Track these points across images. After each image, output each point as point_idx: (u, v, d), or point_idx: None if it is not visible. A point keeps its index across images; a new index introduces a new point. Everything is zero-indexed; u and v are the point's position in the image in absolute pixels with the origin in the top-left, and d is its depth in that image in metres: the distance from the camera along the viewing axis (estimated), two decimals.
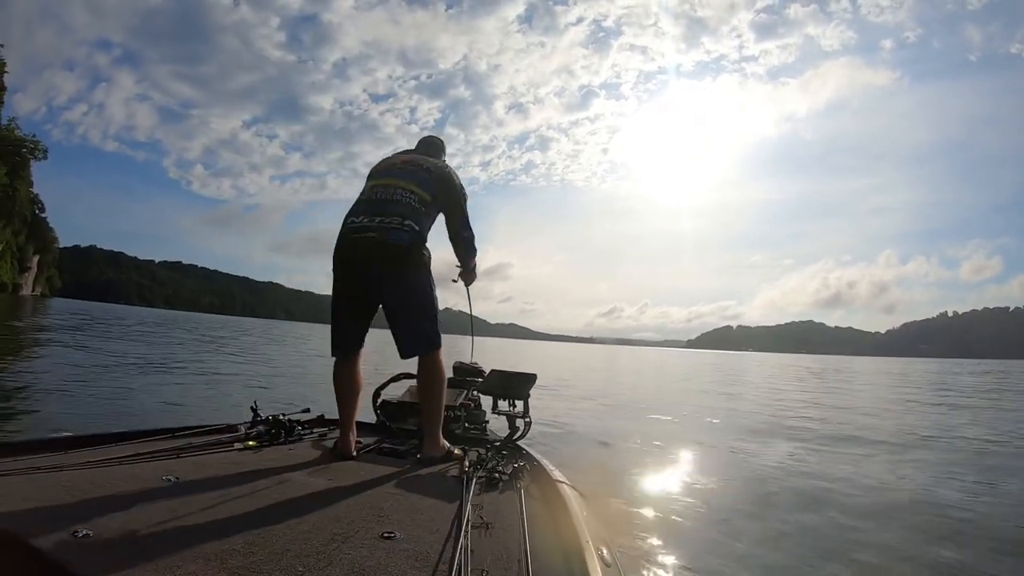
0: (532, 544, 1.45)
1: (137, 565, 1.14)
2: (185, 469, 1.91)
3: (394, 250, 2.37)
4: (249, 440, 2.46)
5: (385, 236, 2.38)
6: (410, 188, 2.52)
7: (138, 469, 1.87)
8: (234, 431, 2.57)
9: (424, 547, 1.41)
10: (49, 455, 1.93)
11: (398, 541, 1.43)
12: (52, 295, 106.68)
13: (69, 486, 1.59)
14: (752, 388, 18.66)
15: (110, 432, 2.32)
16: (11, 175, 75.23)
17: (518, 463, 2.29)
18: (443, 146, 3.02)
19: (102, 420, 5.34)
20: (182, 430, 2.51)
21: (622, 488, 4.36)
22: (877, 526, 3.69)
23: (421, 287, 2.47)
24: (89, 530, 1.26)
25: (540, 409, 3.62)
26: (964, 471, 5.61)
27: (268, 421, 2.67)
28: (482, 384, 3.17)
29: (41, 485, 1.58)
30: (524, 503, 1.81)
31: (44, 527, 1.26)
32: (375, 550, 1.36)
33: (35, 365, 9.34)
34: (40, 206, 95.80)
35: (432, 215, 2.57)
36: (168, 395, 7.53)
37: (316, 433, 2.83)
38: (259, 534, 1.38)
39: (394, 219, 2.41)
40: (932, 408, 12.89)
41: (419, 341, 2.46)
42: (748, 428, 8.30)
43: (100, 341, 16.00)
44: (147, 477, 1.76)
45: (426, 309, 2.47)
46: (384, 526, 1.52)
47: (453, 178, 2.71)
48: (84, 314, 37.07)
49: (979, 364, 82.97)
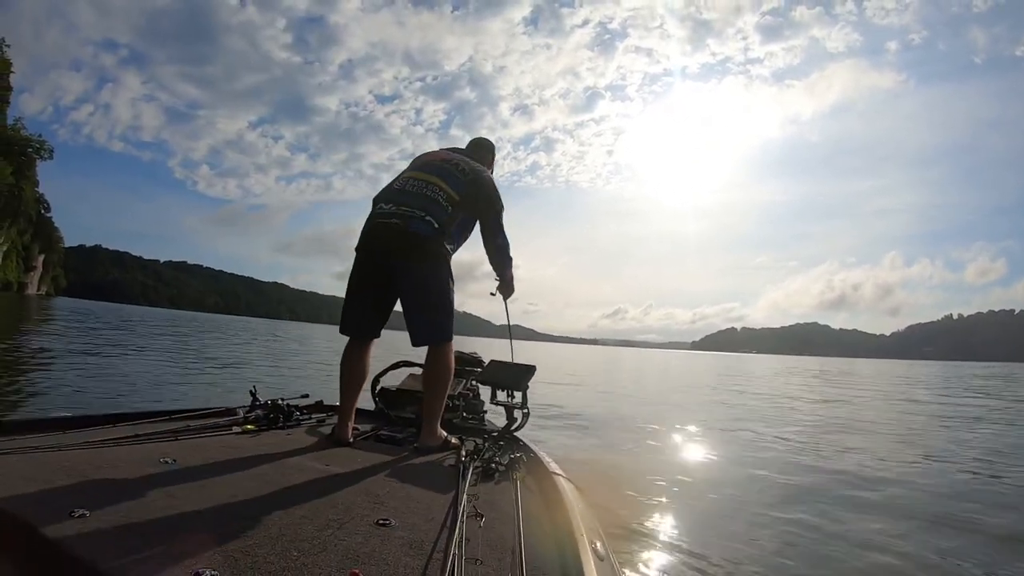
0: (526, 535, 1.44)
1: (133, 546, 1.14)
2: (183, 452, 1.91)
3: (413, 239, 2.40)
4: (247, 424, 2.46)
5: (407, 224, 2.40)
6: (440, 185, 2.53)
7: (136, 451, 1.87)
8: (232, 415, 2.57)
9: (419, 535, 1.40)
10: (46, 435, 1.93)
11: (393, 528, 1.42)
12: (57, 294, 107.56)
13: (66, 466, 1.58)
14: (758, 389, 18.60)
15: (108, 413, 2.32)
16: (17, 175, 75.76)
17: (515, 454, 2.27)
18: (492, 149, 2.99)
19: (101, 401, 5.36)
20: (180, 413, 2.51)
21: (618, 482, 4.35)
22: (878, 525, 3.66)
23: (438, 280, 2.47)
24: (85, 510, 1.26)
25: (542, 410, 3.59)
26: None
27: (267, 406, 2.66)
28: (481, 374, 3.16)
29: (38, 465, 1.58)
30: (520, 494, 1.79)
31: (40, 507, 1.26)
32: (370, 537, 1.35)
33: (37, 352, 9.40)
34: (45, 206, 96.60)
35: (458, 216, 2.54)
36: (167, 379, 7.56)
37: (314, 419, 2.82)
38: (255, 518, 1.37)
39: (416, 211, 2.43)
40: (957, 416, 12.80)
41: (432, 331, 2.46)
42: (748, 427, 8.27)
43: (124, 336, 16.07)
44: (144, 459, 1.76)
45: (441, 301, 2.48)
46: (380, 513, 1.52)
47: (487, 184, 2.67)
48: (92, 315, 37.24)
49: (987, 367, 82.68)
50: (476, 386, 3.29)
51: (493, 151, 2.98)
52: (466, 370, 3.33)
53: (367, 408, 3.08)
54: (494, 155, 2.97)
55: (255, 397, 2.72)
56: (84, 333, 17.14)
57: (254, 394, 2.73)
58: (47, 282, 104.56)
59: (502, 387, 2.87)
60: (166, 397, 6.62)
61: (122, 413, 2.35)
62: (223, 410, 2.61)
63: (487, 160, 2.89)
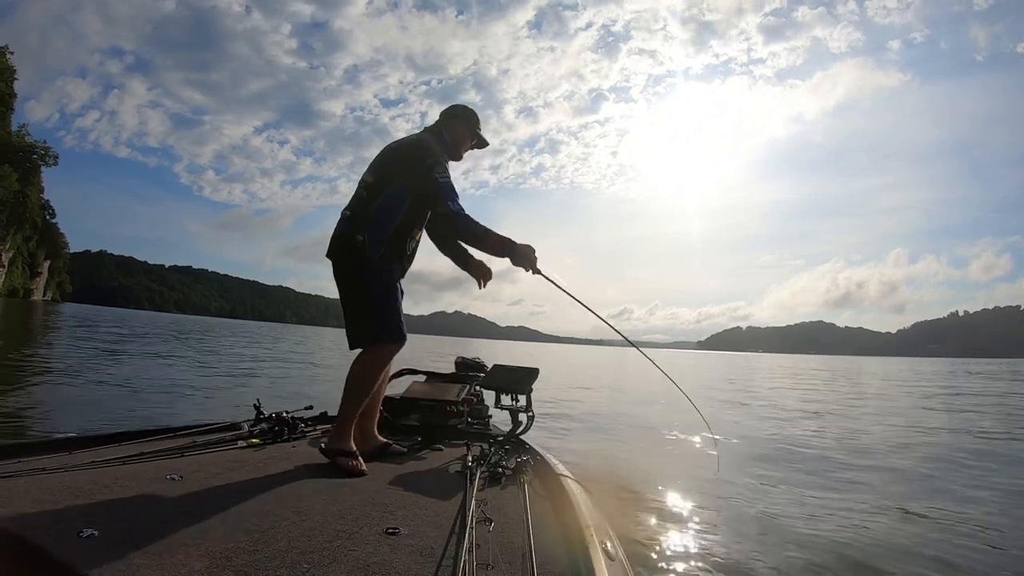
0: (536, 539, 1.45)
1: (142, 564, 1.15)
2: (189, 468, 1.93)
3: (336, 240, 2.39)
4: (252, 438, 2.48)
5: (336, 230, 2.40)
6: (364, 178, 2.45)
7: (142, 468, 1.89)
8: (237, 429, 2.58)
9: (429, 542, 1.42)
10: (53, 456, 1.95)
11: (402, 537, 1.44)
12: (63, 300, 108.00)
13: (73, 487, 1.60)
14: (768, 388, 18.54)
15: (113, 432, 2.33)
16: (22, 181, 76.12)
17: (521, 458, 2.30)
18: (455, 112, 2.65)
19: (105, 421, 5.39)
20: (185, 429, 2.52)
21: (626, 482, 4.34)
22: (890, 530, 3.61)
23: (351, 279, 2.39)
24: (94, 530, 1.27)
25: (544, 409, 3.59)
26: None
27: (271, 419, 2.68)
28: (484, 379, 3.19)
29: (46, 486, 1.59)
30: (528, 498, 1.81)
31: (49, 528, 1.28)
32: (380, 546, 1.36)
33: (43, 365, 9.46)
34: (50, 211, 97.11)
35: (376, 197, 2.35)
36: (173, 393, 7.60)
37: (319, 430, 2.83)
38: (263, 531, 1.39)
39: (344, 212, 2.42)
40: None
41: (353, 335, 2.38)
42: (757, 427, 8.24)
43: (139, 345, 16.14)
44: (151, 476, 1.78)
45: (358, 302, 2.38)
46: (388, 522, 1.53)
47: (407, 145, 2.43)
48: (97, 320, 37.37)
49: (993, 364, 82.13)
50: (480, 391, 3.30)
51: (457, 115, 2.64)
52: (469, 376, 3.35)
53: None
54: (460, 118, 2.63)
55: (259, 410, 2.73)
56: (88, 341, 17.25)
57: (258, 407, 2.74)
58: (53, 288, 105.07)
59: (505, 391, 2.88)
60: (171, 409, 6.65)
61: (127, 431, 2.37)
62: (228, 425, 2.62)
63: (451, 125, 2.61)
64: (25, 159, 78.43)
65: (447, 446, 2.69)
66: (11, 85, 77.92)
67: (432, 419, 2.99)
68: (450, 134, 2.59)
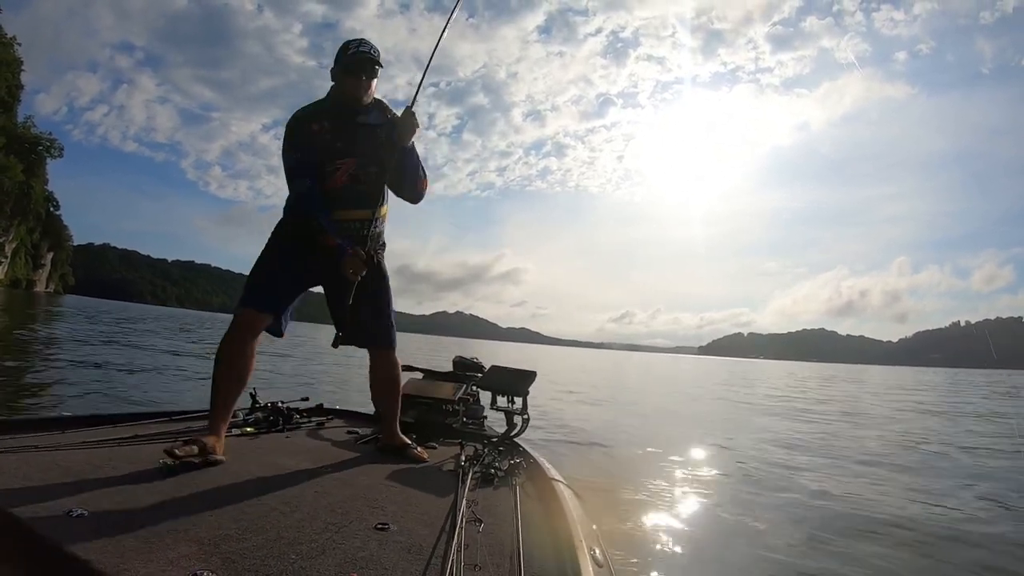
0: (525, 541, 1.44)
1: (131, 546, 1.15)
2: None
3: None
4: (247, 427, 2.47)
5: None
6: None
7: (135, 451, 1.88)
8: (232, 417, 2.58)
9: (418, 540, 1.41)
10: (46, 434, 1.95)
11: (392, 533, 1.43)
12: (65, 292, 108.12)
13: (65, 466, 1.60)
14: (770, 397, 18.50)
15: (108, 414, 2.33)
16: (27, 173, 76.27)
17: (514, 460, 2.29)
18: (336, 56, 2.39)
19: (103, 400, 5.38)
20: (181, 414, 2.52)
21: (618, 489, 4.32)
22: (886, 541, 3.56)
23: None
24: (84, 510, 1.27)
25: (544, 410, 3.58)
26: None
27: (267, 408, 2.68)
28: (481, 380, 3.16)
29: (37, 464, 1.59)
30: (519, 500, 1.81)
31: (39, 506, 1.27)
32: (369, 541, 1.36)
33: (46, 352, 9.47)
34: (55, 204, 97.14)
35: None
36: (170, 379, 7.59)
37: (314, 422, 2.84)
38: (254, 520, 1.38)
39: None
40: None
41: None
42: (754, 435, 8.23)
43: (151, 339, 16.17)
44: (144, 459, 1.77)
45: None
46: (379, 517, 1.52)
47: None
48: (100, 312, 37.42)
49: (993, 375, 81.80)
50: (476, 391, 3.29)
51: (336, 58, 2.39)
52: (466, 375, 3.34)
53: (367, 412, 3.10)
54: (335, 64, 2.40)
55: (255, 399, 2.73)
56: (90, 331, 17.24)
57: (254, 396, 2.74)
58: (55, 280, 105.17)
59: (502, 392, 2.87)
60: (168, 395, 6.65)
61: (122, 413, 2.37)
62: None
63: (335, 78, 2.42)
64: (30, 151, 78.55)
65: (441, 444, 2.69)
66: (18, 76, 78.14)
67: (427, 417, 2.99)
68: (335, 87, 2.41)
